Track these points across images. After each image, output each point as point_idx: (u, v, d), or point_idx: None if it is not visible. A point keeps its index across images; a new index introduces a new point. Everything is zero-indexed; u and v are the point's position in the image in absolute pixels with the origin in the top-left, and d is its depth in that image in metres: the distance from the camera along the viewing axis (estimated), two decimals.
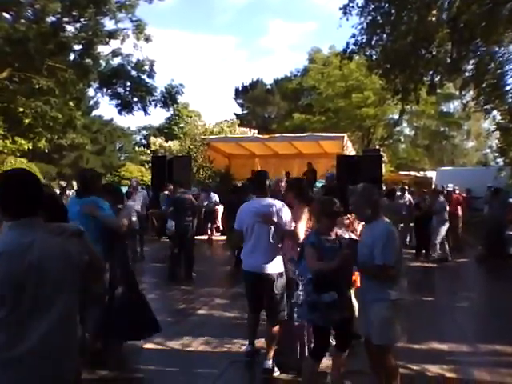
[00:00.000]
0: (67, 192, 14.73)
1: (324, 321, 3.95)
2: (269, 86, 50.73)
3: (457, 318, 7.04)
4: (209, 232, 15.00)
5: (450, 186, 14.38)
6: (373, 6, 12.37)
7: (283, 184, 5.68)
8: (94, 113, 44.57)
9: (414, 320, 6.97)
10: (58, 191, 14.09)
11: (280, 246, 4.96)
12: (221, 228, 16.02)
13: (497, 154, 20.77)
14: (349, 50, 13.27)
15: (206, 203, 14.38)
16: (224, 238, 14.97)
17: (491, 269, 11.15)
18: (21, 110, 19.72)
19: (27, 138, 22.49)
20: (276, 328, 4.86)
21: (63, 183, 17.99)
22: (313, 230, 4.21)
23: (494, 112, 15.59)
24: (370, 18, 12.52)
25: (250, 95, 49.79)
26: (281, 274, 4.86)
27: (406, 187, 15.15)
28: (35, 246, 2.24)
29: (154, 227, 14.83)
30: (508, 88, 14.01)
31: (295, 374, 4.68)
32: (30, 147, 23.23)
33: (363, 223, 4.42)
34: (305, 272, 4.09)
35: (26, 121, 20.22)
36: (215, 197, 15.17)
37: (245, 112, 50.25)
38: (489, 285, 10.09)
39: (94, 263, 2.54)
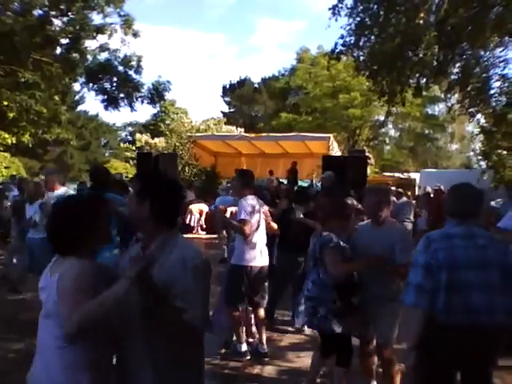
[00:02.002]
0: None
1: (351, 329, 3.98)
2: (256, 85, 50.73)
3: None
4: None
5: (437, 186, 14.28)
6: (361, 8, 12.42)
7: (275, 184, 6.04)
8: (80, 108, 44.36)
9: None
10: None
11: None
12: (204, 226, 16.02)
13: (480, 157, 20.96)
14: (337, 51, 13.32)
15: None
16: (209, 236, 14.96)
17: None
18: (5, 103, 19.50)
19: (11, 132, 22.29)
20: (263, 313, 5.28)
21: None
22: (327, 231, 4.07)
23: (479, 115, 15.71)
24: (358, 19, 12.56)
25: (238, 93, 49.74)
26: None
27: (393, 188, 15.21)
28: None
29: None
30: (493, 92, 14.16)
31: None
32: (14, 141, 23.02)
33: None
34: (323, 280, 3.97)
35: (11, 114, 20.03)
36: None
37: (232, 110, 50.17)
38: None
39: None
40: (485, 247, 2.89)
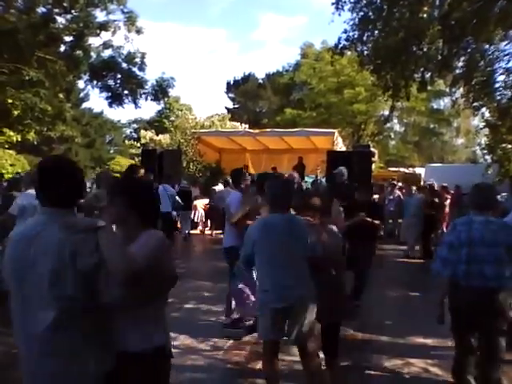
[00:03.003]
0: None
1: None
2: (260, 81, 50.61)
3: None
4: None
5: (430, 180, 14.12)
6: (365, 2, 12.38)
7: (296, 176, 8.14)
8: (84, 105, 44.30)
9: (400, 315, 7.06)
10: None
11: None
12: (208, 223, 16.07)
13: (485, 152, 20.86)
14: (340, 46, 13.30)
15: None
16: (215, 232, 15.00)
17: None
18: (10, 101, 19.54)
19: (16, 130, 22.33)
20: None
21: None
22: None
23: (483, 109, 15.68)
24: (361, 13, 12.53)
25: (242, 89, 49.63)
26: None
27: (399, 183, 15.21)
28: (37, 239, 2.17)
29: None
30: (497, 85, 14.11)
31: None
32: (19, 139, 23.08)
33: None
34: None
35: (15, 112, 20.05)
36: None
37: (236, 106, 50.08)
38: None
39: (103, 264, 2.12)
40: (496, 231, 3.84)
